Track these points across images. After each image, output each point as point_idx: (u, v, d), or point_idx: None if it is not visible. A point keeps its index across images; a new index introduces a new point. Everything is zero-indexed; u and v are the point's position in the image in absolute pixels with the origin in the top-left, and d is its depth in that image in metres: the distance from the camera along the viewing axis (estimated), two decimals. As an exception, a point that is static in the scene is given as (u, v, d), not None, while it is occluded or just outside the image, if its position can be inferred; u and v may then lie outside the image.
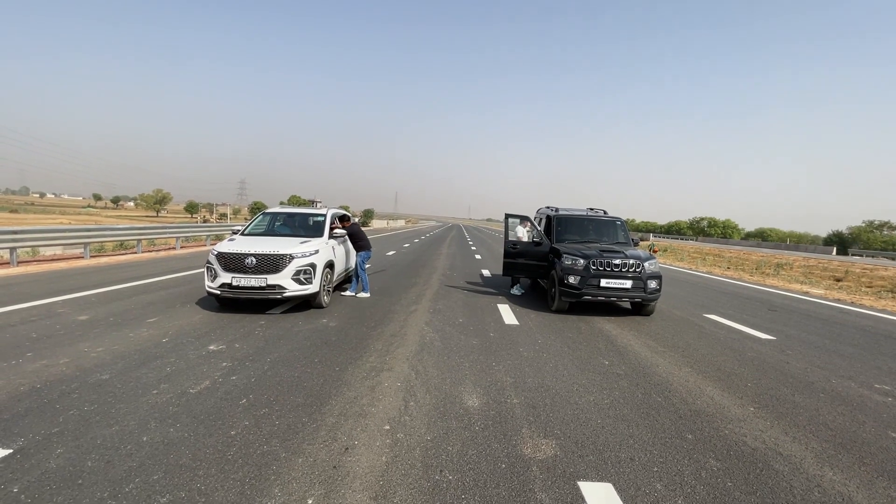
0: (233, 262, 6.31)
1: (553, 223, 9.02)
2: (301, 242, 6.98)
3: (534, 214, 10.83)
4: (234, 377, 4.04)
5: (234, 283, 6.25)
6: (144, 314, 6.19)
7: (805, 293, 11.96)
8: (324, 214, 8.21)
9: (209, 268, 6.46)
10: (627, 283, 7.18)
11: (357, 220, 9.63)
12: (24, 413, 3.21)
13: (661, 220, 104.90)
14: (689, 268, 19.25)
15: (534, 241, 8.78)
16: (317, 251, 6.89)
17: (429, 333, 5.88)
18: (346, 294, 8.31)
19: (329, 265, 7.30)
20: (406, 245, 24.73)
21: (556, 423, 3.40)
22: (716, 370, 4.88)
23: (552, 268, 7.96)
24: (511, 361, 4.86)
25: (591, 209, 9.74)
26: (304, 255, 6.63)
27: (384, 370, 4.41)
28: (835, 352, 5.87)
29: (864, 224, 63.05)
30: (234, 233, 7.63)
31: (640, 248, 8.52)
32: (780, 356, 5.55)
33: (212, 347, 4.86)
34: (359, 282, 8.51)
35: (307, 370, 4.31)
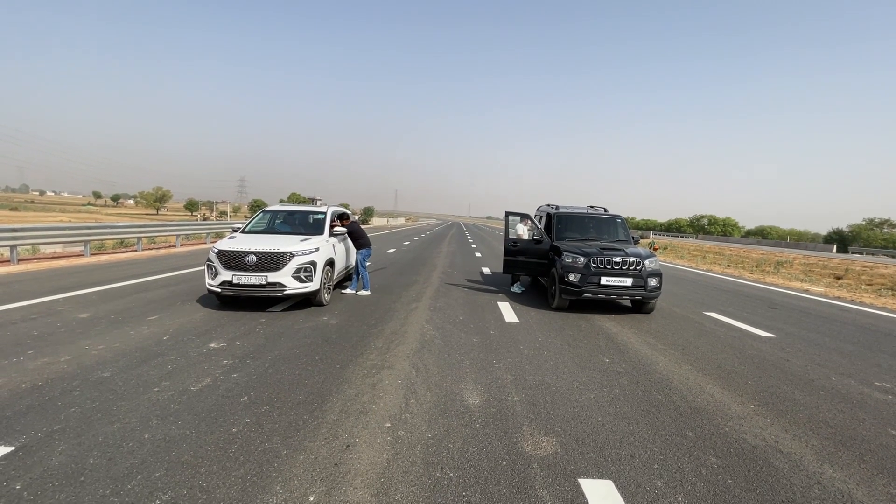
0: (233, 260, 6.31)
1: (553, 221, 9.02)
2: (301, 240, 6.97)
3: (534, 212, 10.83)
4: (236, 375, 4.05)
5: (235, 281, 6.25)
6: (145, 312, 6.20)
7: (805, 291, 11.97)
8: (324, 212, 8.20)
9: (210, 266, 6.46)
10: (628, 281, 7.19)
11: (357, 219, 9.63)
12: (26, 410, 3.22)
13: (661, 218, 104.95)
14: (689, 265, 19.25)
15: (534, 239, 8.78)
16: (317, 249, 6.89)
17: (429, 331, 5.89)
18: (347, 292, 8.32)
19: (329, 263, 7.30)
20: (406, 243, 24.73)
21: (557, 421, 3.41)
22: (716, 368, 4.89)
23: (552, 266, 7.96)
24: (511, 359, 4.87)
25: (592, 207, 9.74)
26: (305, 253, 6.63)
27: (385, 368, 4.42)
28: (835, 349, 5.87)
29: (865, 222, 63.03)
30: (235, 231, 7.64)
31: (641, 246, 8.52)
32: (781, 354, 5.55)
33: (213, 345, 4.87)
34: (359, 279, 8.52)
35: (308, 368, 4.31)
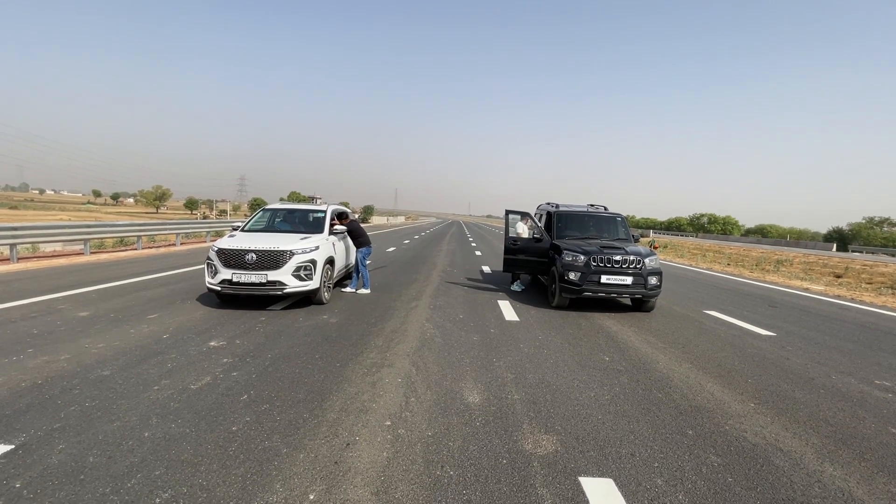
0: (233, 259, 6.31)
1: (553, 219, 9.00)
2: (301, 239, 6.97)
3: (534, 211, 10.82)
4: (235, 373, 4.04)
5: (235, 280, 6.24)
6: (145, 310, 6.19)
7: (805, 289, 11.96)
8: (324, 211, 8.20)
9: (209, 264, 6.45)
10: (628, 280, 7.18)
11: (357, 217, 9.63)
12: (26, 409, 3.22)
13: (662, 217, 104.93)
14: (689, 264, 19.25)
15: (534, 238, 8.78)
16: (317, 247, 6.88)
17: (429, 329, 5.88)
18: (347, 290, 8.31)
19: (329, 261, 7.29)
20: (406, 241, 24.72)
21: (557, 419, 3.40)
22: (716, 366, 4.88)
23: (552, 264, 7.96)
24: (512, 357, 4.87)
25: (592, 205, 9.72)
26: (305, 252, 6.63)
27: (385, 366, 4.41)
28: (835, 348, 5.87)
29: (865, 220, 63.03)
30: (235, 229, 7.63)
31: (641, 245, 8.51)
32: (781, 352, 5.55)
33: (212, 343, 4.86)
34: (359, 278, 8.52)
35: (308, 366, 4.31)
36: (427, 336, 5.57)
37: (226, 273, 6.27)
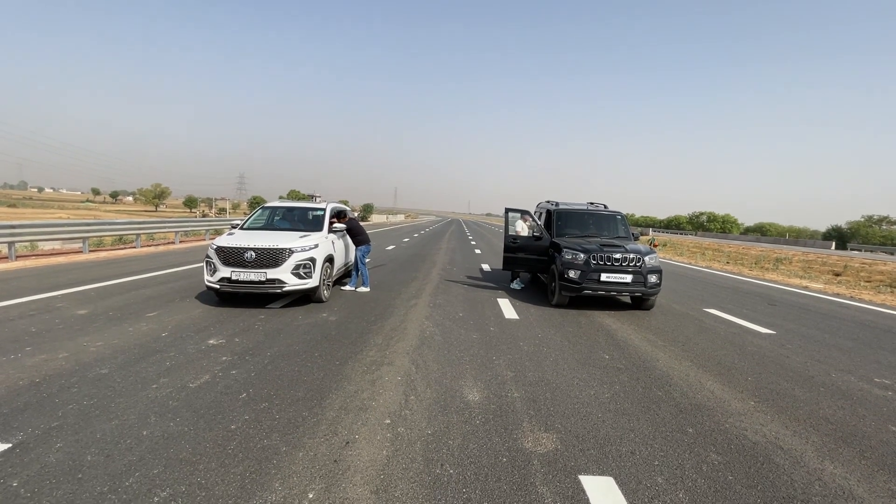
0: (232, 257, 6.29)
1: (553, 217, 8.99)
2: (300, 237, 6.96)
3: (534, 209, 10.80)
4: (234, 371, 4.03)
5: (234, 278, 6.23)
6: (144, 308, 6.18)
7: (804, 288, 11.97)
8: (323, 209, 8.18)
9: (208, 262, 6.44)
10: (628, 278, 7.17)
11: (356, 215, 9.62)
12: (24, 407, 3.21)
13: (661, 215, 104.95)
14: (689, 262, 19.26)
15: (534, 236, 8.76)
16: (316, 245, 6.87)
17: (429, 328, 5.87)
18: (346, 288, 8.30)
19: (329, 259, 7.28)
20: (406, 240, 24.70)
21: (557, 417, 3.40)
22: (716, 364, 4.88)
23: (552, 262, 7.95)
24: (511, 355, 4.86)
25: (592, 203, 9.71)
26: (304, 250, 6.61)
27: (384, 364, 4.40)
28: (834, 346, 5.87)
29: (863, 219, 63.10)
30: (234, 227, 7.60)
31: (641, 243, 8.50)
32: (780, 350, 5.55)
33: (211, 342, 4.85)
34: (359, 276, 8.51)
35: (307, 364, 4.30)
36: (427, 334, 5.56)
37: (225, 271, 6.25)
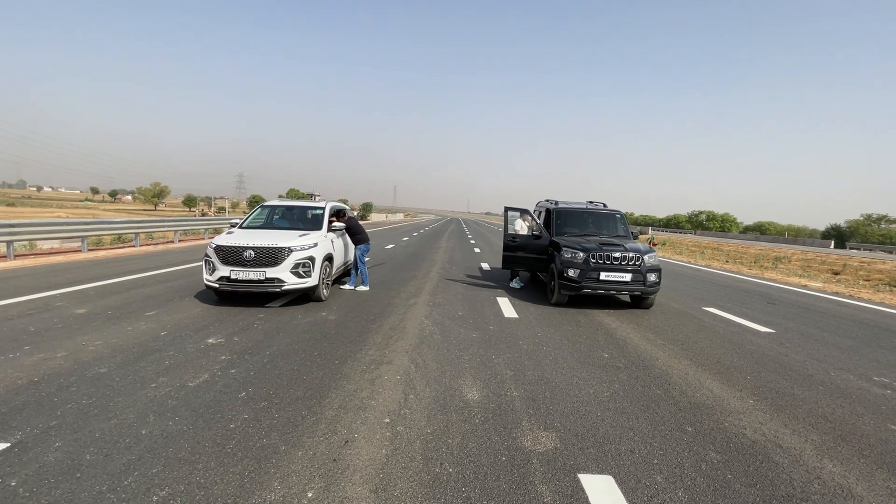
0: (231, 256, 6.28)
1: (552, 216, 8.99)
2: (300, 235, 6.95)
3: (533, 208, 10.80)
4: (233, 370, 4.03)
5: (233, 277, 6.22)
6: (143, 308, 6.17)
7: (803, 286, 11.98)
8: (322, 208, 8.17)
9: (207, 261, 6.43)
10: (627, 277, 7.17)
11: (355, 214, 9.61)
12: (22, 406, 3.20)
13: (660, 214, 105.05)
14: (688, 261, 19.27)
15: (533, 235, 8.76)
16: (315, 244, 6.86)
17: (428, 326, 5.87)
18: (346, 287, 8.30)
19: (328, 258, 7.27)
20: (405, 239, 24.69)
21: (556, 416, 3.40)
22: (715, 363, 4.88)
23: (552, 261, 7.95)
24: (511, 354, 4.86)
25: (591, 202, 9.71)
26: (303, 249, 6.60)
27: (384, 363, 4.40)
28: (833, 344, 5.88)
29: (862, 218, 63.18)
30: (233, 226, 7.59)
31: (640, 242, 8.50)
32: (779, 349, 5.55)
33: (210, 341, 4.84)
34: (358, 275, 8.50)
35: (306, 363, 4.30)
36: (426, 333, 5.56)
37: (224, 270, 6.25)
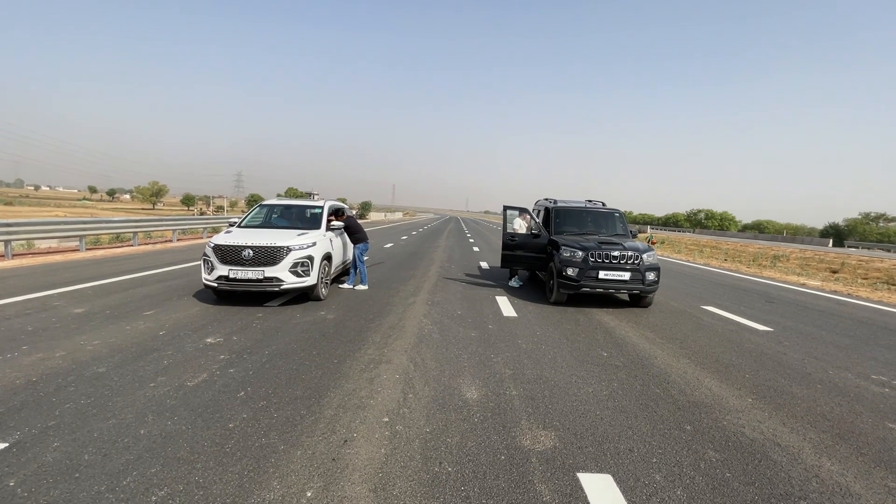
0: (230, 255, 6.27)
1: (551, 215, 8.99)
2: (298, 234, 6.94)
3: (532, 206, 10.80)
4: (232, 370, 4.02)
5: (232, 276, 6.21)
6: (141, 307, 6.15)
7: (802, 285, 12.00)
8: (321, 207, 8.16)
9: (206, 260, 6.41)
10: (626, 275, 7.18)
11: (354, 213, 9.60)
12: (20, 406, 3.19)
13: (659, 213, 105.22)
14: (687, 260, 19.29)
15: (532, 234, 8.76)
16: (314, 243, 6.85)
17: (427, 325, 5.87)
18: (345, 286, 8.29)
19: (327, 257, 7.26)
20: (404, 237, 24.68)
21: (555, 415, 3.40)
22: (714, 361, 4.89)
23: (550, 260, 7.95)
24: (510, 353, 4.86)
25: (590, 201, 9.71)
26: (302, 248, 6.59)
27: (383, 362, 4.40)
28: (831, 343, 5.89)
29: (860, 216, 63.36)
30: (231, 225, 7.58)
31: (639, 240, 8.51)
32: (778, 347, 5.56)
33: (209, 340, 4.84)
34: (357, 274, 8.49)
35: (305, 363, 4.29)
36: (425, 332, 5.56)
37: (222, 269, 6.24)
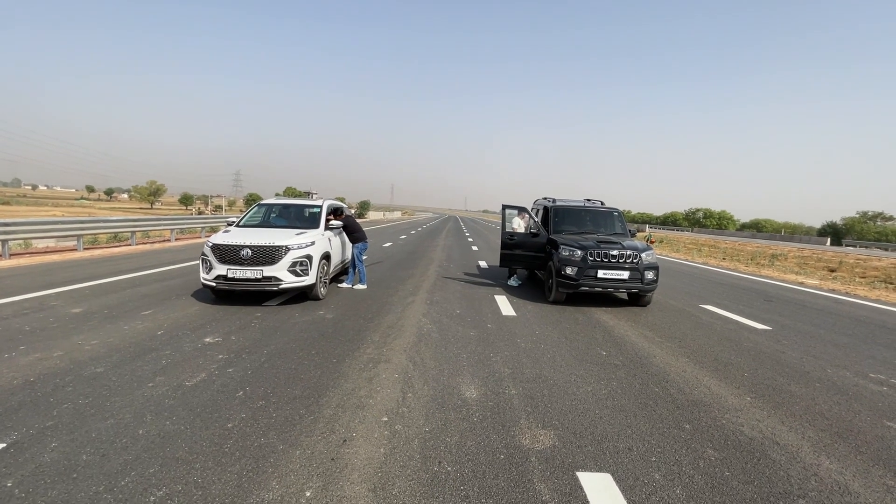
0: (228, 254, 6.25)
1: (550, 214, 8.99)
2: (297, 234, 6.92)
3: (531, 206, 10.80)
4: (231, 369, 4.01)
5: (230, 275, 6.20)
6: (139, 306, 6.14)
7: (800, 284, 12.03)
8: (319, 206, 8.14)
9: (204, 260, 6.40)
10: (624, 274, 7.18)
11: (352, 212, 9.59)
12: (18, 407, 3.18)
13: (657, 212, 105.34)
14: (685, 259, 19.32)
15: (531, 233, 8.76)
16: (313, 242, 6.84)
17: (426, 325, 5.87)
18: (343, 286, 8.28)
19: (325, 257, 7.25)
20: (403, 237, 24.67)
21: (555, 414, 3.40)
22: (712, 360, 4.90)
23: (549, 259, 7.95)
24: (509, 352, 4.86)
25: (589, 200, 9.72)
26: (300, 247, 6.58)
27: (382, 362, 4.39)
28: (830, 341, 5.90)
29: (858, 215, 63.55)
30: (230, 224, 7.56)
31: (637, 239, 8.51)
32: (776, 346, 5.57)
33: (208, 340, 4.82)
34: (355, 273, 8.48)
35: (304, 362, 4.28)
36: (424, 331, 5.55)
37: (221, 269, 6.22)
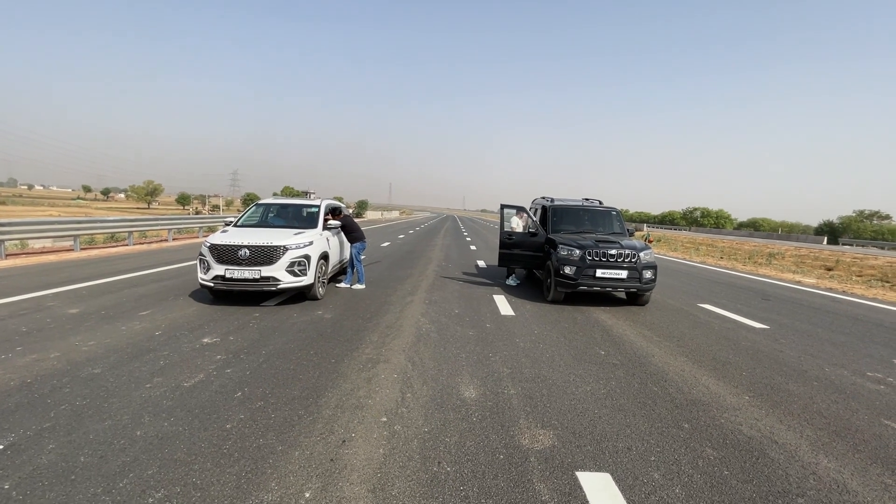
0: (226, 254, 6.24)
1: (549, 214, 9.00)
2: (295, 234, 6.90)
3: (529, 205, 10.80)
4: (229, 370, 4.00)
5: (228, 276, 6.18)
6: (137, 307, 6.12)
7: (797, 282, 12.07)
8: (317, 205, 8.12)
9: (202, 260, 6.37)
10: (623, 274, 7.19)
11: (350, 212, 9.57)
12: (15, 408, 3.16)
13: (655, 211, 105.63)
14: (683, 258, 19.36)
15: (529, 232, 8.77)
16: (311, 242, 6.82)
17: (425, 325, 5.86)
18: (342, 286, 8.27)
19: (324, 257, 7.24)
20: (401, 236, 24.66)
21: (554, 414, 3.40)
22: (711, 359, 4.91)
23: (548, 258, 7.95)
24: (508, 352, 4.86)
25: (587, 199, 9.73)
26: (299, 247, 6.56)
27: (380, 362, 4.39)
28: (827, 340, 5.92)
29: (855, 214, 63.80)
30: (227, 224, 7.54)
31: (636, 239, 8.53)
32: (774, 345, 5.59)
33: (206, 340, 4.81)
34: (354, 273, 8.47)
35: (303, 362, 4.27)
36: (423, 331, 5.55)
37: (218, 269, 6.20)
